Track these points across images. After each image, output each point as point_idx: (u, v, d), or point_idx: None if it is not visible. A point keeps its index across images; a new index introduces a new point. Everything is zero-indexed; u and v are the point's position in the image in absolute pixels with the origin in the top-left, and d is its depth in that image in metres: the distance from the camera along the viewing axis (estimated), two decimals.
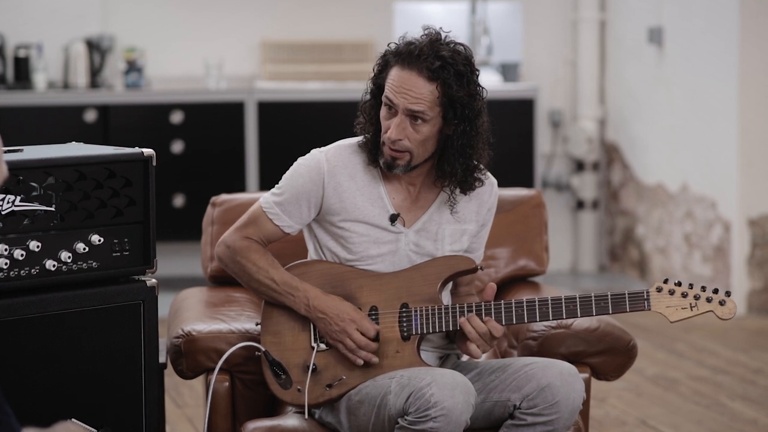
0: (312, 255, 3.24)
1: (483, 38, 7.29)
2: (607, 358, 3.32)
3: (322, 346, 3.12)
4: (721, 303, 3.05)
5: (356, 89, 6.69)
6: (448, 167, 3.10)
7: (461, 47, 3.10)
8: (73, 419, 2.89)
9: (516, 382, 3.04)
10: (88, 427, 2.89)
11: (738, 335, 6.11)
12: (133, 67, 6.88)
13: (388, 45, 3.13)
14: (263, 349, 3.14)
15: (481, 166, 3.15)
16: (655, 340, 5.98)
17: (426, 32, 3.10)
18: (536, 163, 7.03)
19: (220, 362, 3.16)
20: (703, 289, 3.06)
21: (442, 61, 3.03)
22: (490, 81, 7.33)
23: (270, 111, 6.83)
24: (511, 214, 3.68)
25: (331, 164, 3.14)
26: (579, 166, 7.59)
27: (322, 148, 3.20)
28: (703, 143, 6.72)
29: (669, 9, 6.94)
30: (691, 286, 3.06)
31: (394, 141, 3.05)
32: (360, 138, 3.19)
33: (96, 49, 6.94)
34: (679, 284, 3.06)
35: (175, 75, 7.19)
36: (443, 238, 3.17)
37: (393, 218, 3.14)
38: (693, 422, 4.77)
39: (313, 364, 3.11)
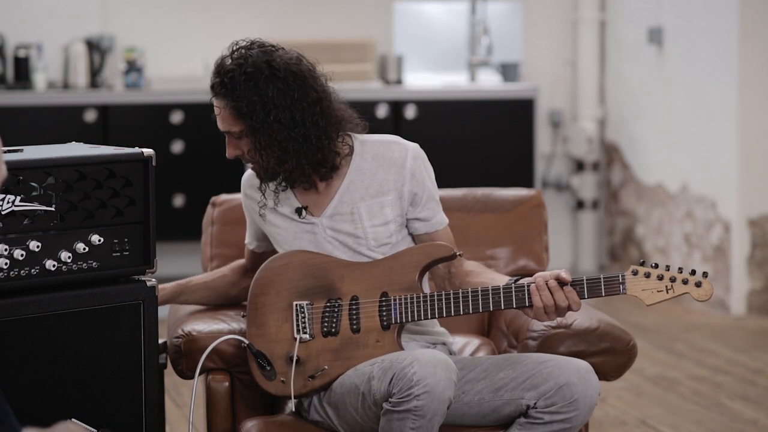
0: None
1: (483, 38, 7.29)
2: (607, 358, 3.31)
3: (305, 336, 3.13)
4: (698, 285, 2.97)
5: (355, 89, 6.71)
6: (297, 162, 3.15)
7: (250, 50, 3.25)
8: (73, 419, 2.89)
9: (530, 381, 3.03)
10: (88, 427, 2.88)
11: (738, 335, 6.11)
12: (133, 67, 6.88)
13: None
14: (246, 342, 3.15)
15: (332, 146, 3.16)
16: (655, 340, 5.98)
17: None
18: (536, 163, 7.03)
19: (205, 353, 3.17)
20: (680, 270, 2.99)
21: (222, 77, 3.21)
22: (490, 81, 7.34)
23: None
24: (511, 214, 3.68)
25: (244, 184, 3.33)
26: (579, 166, 7.59)
27: None
28: (703, 143, 6.72)
29: (669, 9, 6.94)
30: (667, 268, 3.00)
31: (235, 159, 3.20)
32: None
33: (96, 49, 6.94)
34: (655, 266, 2.99)
35: (175, 75, 7.18)
36: (360, 216, 3.19)
37: (299, 211, 3.22)
38: (693, 422, 4.77)
39: (296, 356, 3.12)
